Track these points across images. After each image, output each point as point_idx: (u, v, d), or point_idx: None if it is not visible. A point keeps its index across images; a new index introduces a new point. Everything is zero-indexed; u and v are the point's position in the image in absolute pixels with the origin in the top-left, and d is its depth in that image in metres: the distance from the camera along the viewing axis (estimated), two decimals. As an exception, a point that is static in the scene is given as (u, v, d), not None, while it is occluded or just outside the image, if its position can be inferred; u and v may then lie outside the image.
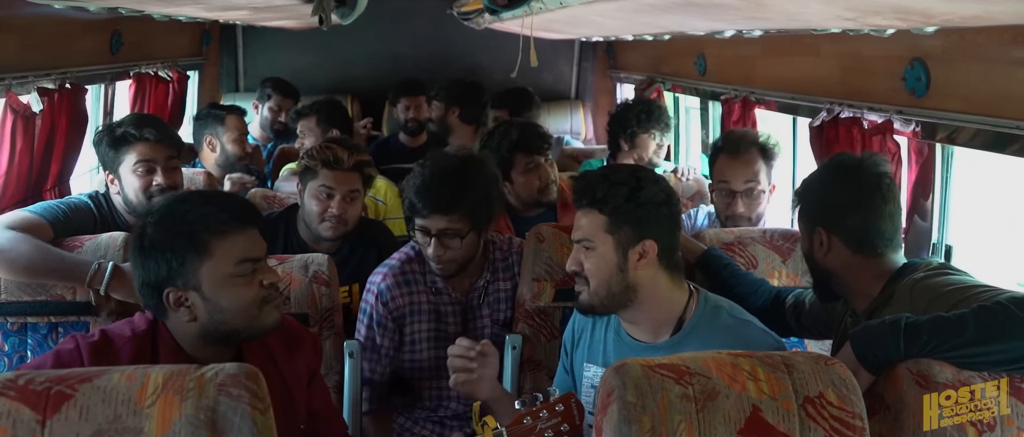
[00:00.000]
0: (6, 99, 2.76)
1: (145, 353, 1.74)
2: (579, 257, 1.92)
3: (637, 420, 1.41)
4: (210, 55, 5.32)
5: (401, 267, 2.50)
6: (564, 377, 2.15)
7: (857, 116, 2.62)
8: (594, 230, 1.88)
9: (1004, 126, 2.08)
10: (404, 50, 5.58)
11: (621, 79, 5.64)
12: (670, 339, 1.89)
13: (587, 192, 1.91)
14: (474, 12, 4.42)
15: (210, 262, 1.71)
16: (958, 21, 1.91)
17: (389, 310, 2.47)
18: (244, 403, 1.36)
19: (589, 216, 1.90)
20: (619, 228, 1.86)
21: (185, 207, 1.75)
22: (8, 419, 1.31)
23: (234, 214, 1.76)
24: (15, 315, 2.28)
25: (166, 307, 1.73)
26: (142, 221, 1.77)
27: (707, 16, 2.65)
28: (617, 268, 1.87)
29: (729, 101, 3.65)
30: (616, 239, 1.87)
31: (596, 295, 1.89)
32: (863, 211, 1.93)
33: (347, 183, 2.71)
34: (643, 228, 1.86)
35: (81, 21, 3.25)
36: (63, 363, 1.65)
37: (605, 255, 1.87)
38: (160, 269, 1.70)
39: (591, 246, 1.89)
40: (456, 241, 2.36)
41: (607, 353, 1.99)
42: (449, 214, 2.32)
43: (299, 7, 3.21)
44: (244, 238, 1.75)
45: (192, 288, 1.71)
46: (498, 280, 2.56)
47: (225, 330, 1.75)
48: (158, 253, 1.70)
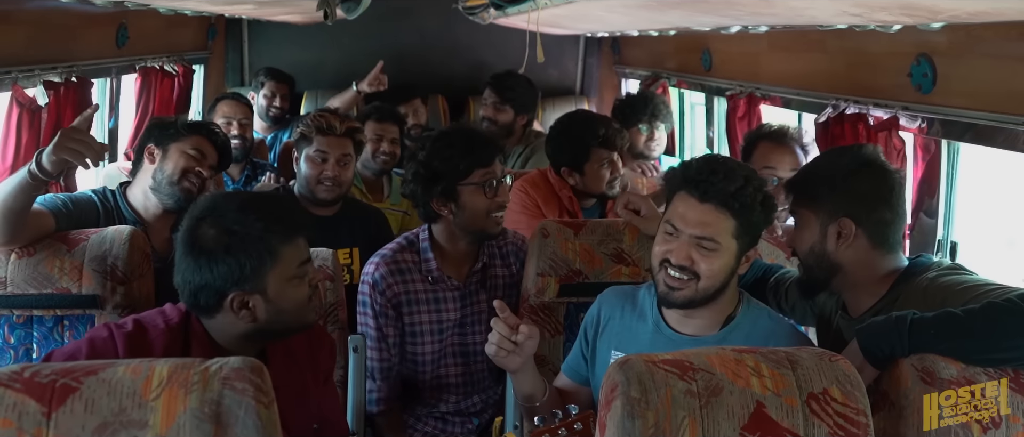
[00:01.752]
0: (12, 92, 2.77)
1: (176, 345, 1.77)
2: (691, 252, 1.84)
3: (641, 416, 1.41)
4: (216, 49, 5.32)
5: (394, 256, 2.51)
6: (579, 361, 2.13)
7: (863, 112, 2.61)
8: (722, 232, 1.83)
9: (1010, 122, 2.07)
10: (409, 45, 5.57)
11: (626, 75, 5.63)
12: (719, 333, 1.90)
13: (729, 194, 1.82)
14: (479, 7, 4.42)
15: (277, 267, 1.76)
16: (964, 17, 1.91)
17: (387, 298, 2.47)
18: (248, 397, 1.36)
19: (719, 216, 1.83)
20: (744, 235, 1.85)
21: (247, 213, 1.76)
22: (13, 412, 1.31)
23: (294, 220, 1.83)
24: (21, 308, 2.28)
25: (226, 310, 1.75)
26: (193, 223, 1.76)
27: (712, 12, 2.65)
28: (730, 271, 1.86)
29: (734, 97, 3.65)
30: (739, 244, 1.85)
31: (703, 293, 1.86)
32: (891, 207, 1.91)
33: (340, 147, 2.88)
34: (757, 237, 1.88)
35: (87, 14, 3.26)
36: (97, 352, 1.68)
37: (727, 258, 1.84)
38: (226, 274, 1.72)
39: (714, 248, 1.83)
40: None
41: (641, 343, 1.97)
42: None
43: (304, 1, 3.21)
44: (302, 242, 1.83)
45: (258, 292, 1.75)
46: (495, 265, 2.56)
47: (279, 328, 1.81)
48: (230, 258, 1.72)
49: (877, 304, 1.90)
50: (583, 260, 2.44)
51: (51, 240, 2.30)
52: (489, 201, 2.41)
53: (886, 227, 1.91)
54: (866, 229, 1.90)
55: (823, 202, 1.94)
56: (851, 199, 1.90)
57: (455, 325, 2.52)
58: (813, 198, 1.96)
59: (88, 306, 2.30)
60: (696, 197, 1.84)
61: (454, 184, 2.39)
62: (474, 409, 2.61)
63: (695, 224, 1.84)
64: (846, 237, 1.90)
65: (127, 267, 2.29)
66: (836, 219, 1.91)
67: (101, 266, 2.28)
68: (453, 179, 2.39)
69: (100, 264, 2.28)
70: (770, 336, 1.88)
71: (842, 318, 2.01)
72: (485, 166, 2.40)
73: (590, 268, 2.44)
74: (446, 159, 2.39)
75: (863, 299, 1.94)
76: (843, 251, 1.91)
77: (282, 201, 1.97)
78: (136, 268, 2.32)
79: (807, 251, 1.97)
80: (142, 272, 2.34)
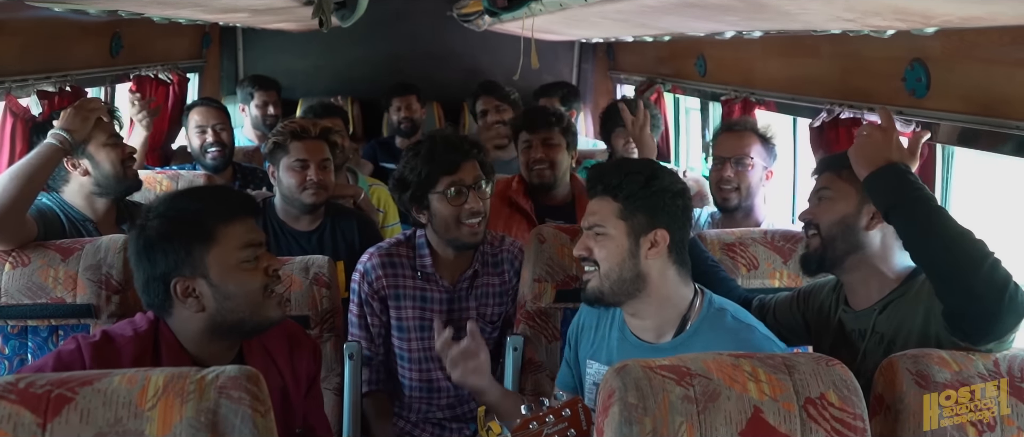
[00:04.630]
0: (6, 102, 2.76)
1: (147, 353, 1.75)
2: (588, 243, 1.91)
3: (638, 421, 1.41)
4: (210, 57, 5.32)
5: (389, 249, 2.54)
6: (567, 372, 2.14)
7: (857, 117, 2.62)
8: (606, 216, 1.89)
9: (1004, 126, 2.08)
10: (404, 52, 5.59)
11: (621, 80, 5.64)
12: (673, 340, 1.89)
13: (601, 179, 1.91)
14: (474, 14, 4.43)
15: (216, 249, 1.73)
16: (958, 22, 1.91)
17: (374, 289, 2.50)
18: (245, 406, 1.36)
19: (602, 202, 1.90)
20: (632, 215, 1.87)
21: (184, 200, 1.79)
22: (8, 422, 1.31)
23: (234, 202, 1.81)
24: (15, 318, 2.27)
25: (174, 299, 1.74)
26: (142, 220, 1.77)
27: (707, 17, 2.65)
28: (628, 254, 1.87)
29: (729, 102, 3.65)
30: (628, 225, 1.87)
31: (606, 279, 1.88)
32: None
33: (319, 152, 2.86)
34: (656, 217, 1.87)
35: (81, 24, 3.25)
36: (64, 364, 1.66)
37: (617, 240, 1.87)
38: (167, 260, 1.72)
39: (603, 231, 1.89)
40: None
41: (611, 351, 1.99)
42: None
43: (299, 9, 3.21)
44: (246, 224, 1.79)
45: (200, 276, 1.73)
46: (487, 274, 2.56)
47: (232, 319, 1.76)
48: (165, 244, 1.72)
49: (887, 297, 1.91)
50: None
51: (45, 250, 2.30)
52: (456, 208, 2.41)
53: None
54: None
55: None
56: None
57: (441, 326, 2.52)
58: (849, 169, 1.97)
59: (83, 315, 2.29)
60: (589, 196, 1.95)
61: (423, 192, 2.42)
62: (471, 415, 2.61)
63: (588, 215, 1.93)
64: (880, 218, 1.91)
65: (122, 276, 2.29)
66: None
67: (96, 275, 2.28)
68: (421, 187, 2.42)
69: (95, 273, 2.28)
70: (734, 337, 1.84)
71: (845, 311, 2.01)
72: (450, 173, 2.41)
73: (586, 274, 2.44)
74: (412, 168, 2.43)
75: (871, 291, 1.95)
76: (873, 232, 1.94)
77: (224, 189, 1.93)
78: (131, 277, 2.29)
79: (836, 221, 1.97)
80: (137, 281, 2.34)
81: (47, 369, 1.65)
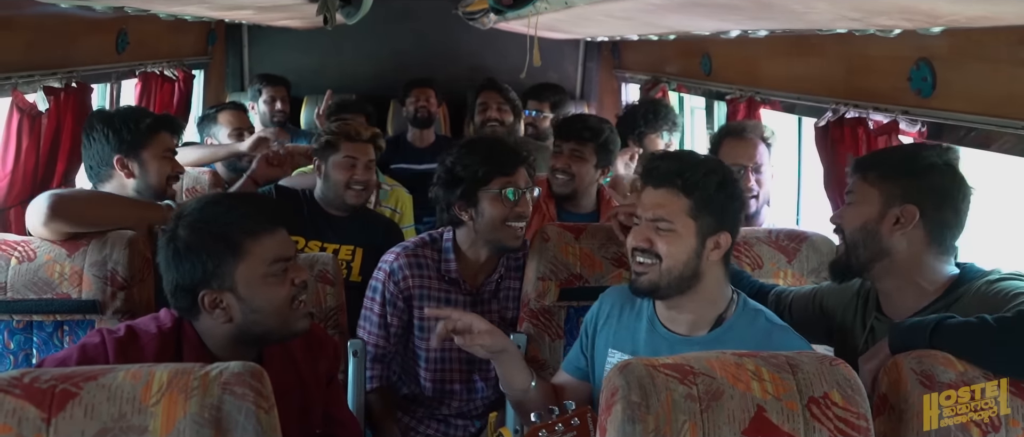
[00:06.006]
0: (12, 98, 2.77)
1: (169, 350, 1.76)
2: (650, 235, 1.89)
3: (641, 420, 1.41)
4: (216, 54, 5.33)
5: (415, 249, 2.54)
6: (578, 358, 2.14)
7: (863, 116, 2.61)
8: (675, 212, 1.87)
9: (1010, 126, 2.07)
10: (409, 50, 5.59)
11: (626, 79, 5.63)
12: (709, 333, 1.90)
13: (675, 173, 1.88)
14: (479, 12, 4.43)
15: (245, 263, 1.73)
16: (964, 21, 1.91)
17: (400, 289, 2.49)
18: (249, 402, 1.36)
19: (670, 196, 1.88)
20: (702, 215, 1.86)
21: (217, 209, 1.77)
22: (13, 417, 1.31)
23: (267, 215, 1.79)
24: (21, 313, 2.28)
25: (201, 309, 1.74)
26: (173, 224, 1.77)
27: (712, 16, 2.65)
28: (694, 253, 1.87)
29: (734, 101, 3.65)
30: (698, 225, 1.87)
31: (667, 275, 1.88)
32: (957, 212, 1.88)
33: (366, 153, 3.04)
34: (723, 220, 1.88)
35: (87, 20, 3.26)
36: (89, 357, 1.68)
37: (685, 238, 1.87)
38: (195, 271, 1.72)
39: (670, 227, 1.87)
40: None
41: (637, 342, 1.99)
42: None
43: (304, 7, 3.22)
44: (277, 238, 1.78)
45: (227, 289, 1.73)
46: (511, 277, 2.57)
47: (259, 331, 1.77)
48: (193, 255, 1.72)
49: (928, 307, 1.85)
50: (584, 264, 2.44)
51: (50, 245, 2.30)
52: (507, 210, 2.42)
53: (946, 229, 1.88)
54: (927, 223, 1.86)
55: (893, 183, 1.89)
56: (923, 189, 1.87)
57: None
58: (884, 177, 1.91)
59: (88, 311, 2.30)
60: (651, 185, 1.91)
61: (474, 190, 2.42)
62: (477, 412, 2.62)
63: (650, 207, 1.90)
64: (905, 224, 1.86)
65: (127, 272, 2.29)
66: (901, 204, 1.87)
67: (101, 271, 2.28)
68: (473, 185, 2.42)
69: (100, 269, 2.28)
70: (767, 337, 1.87)
71: (878, 319, 1.97)
72: (506, 175, 2.42)
73: (590, 272, 2.44)
74: (467, 165, 2.43)
75: (908, 300, 1.90)
76: (898, 237, 1.88)
77: (259, 199, 1.94)
78: (136, 273, 2.31)
79: (858, 227, 1.93)
80: (142, 277, 2.34)
81: (71, 361, 1.67)
